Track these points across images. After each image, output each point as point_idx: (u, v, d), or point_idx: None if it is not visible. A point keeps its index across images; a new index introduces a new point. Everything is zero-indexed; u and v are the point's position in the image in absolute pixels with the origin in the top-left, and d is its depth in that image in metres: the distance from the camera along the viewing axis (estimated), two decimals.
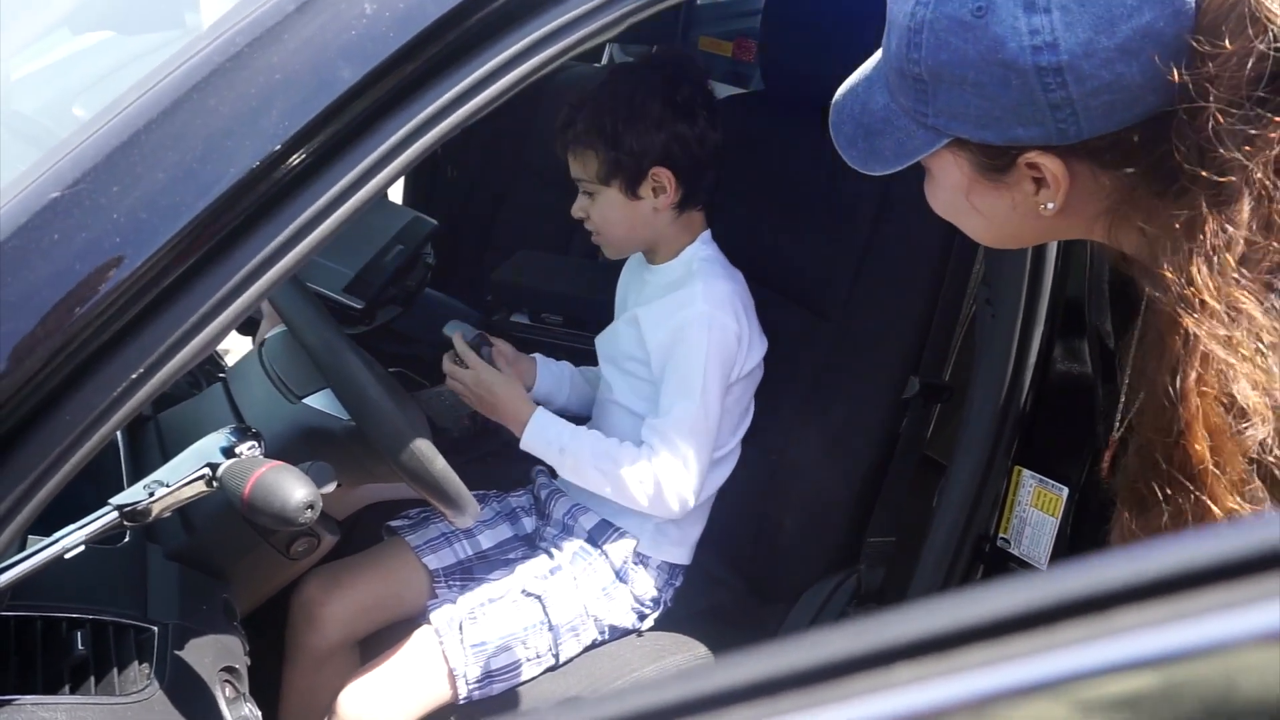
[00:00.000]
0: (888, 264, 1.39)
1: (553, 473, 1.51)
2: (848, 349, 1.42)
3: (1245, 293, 0.59)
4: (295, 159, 0.65)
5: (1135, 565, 0.21)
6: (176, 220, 0.62)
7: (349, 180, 0.66)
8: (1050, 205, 0.68)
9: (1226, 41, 0.58)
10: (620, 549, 1.37)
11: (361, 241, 1.61)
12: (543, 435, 1.32)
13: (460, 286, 2.09)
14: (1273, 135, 0.58)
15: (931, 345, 1.38)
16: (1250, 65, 0.57)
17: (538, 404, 1.42)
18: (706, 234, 1.40)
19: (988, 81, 0.64)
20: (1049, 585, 0.22)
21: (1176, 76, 0.59)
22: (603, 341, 1.45)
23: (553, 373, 1.50)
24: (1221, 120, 0.58)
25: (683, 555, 1.43)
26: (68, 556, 0.75)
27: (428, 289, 1.78)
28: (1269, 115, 0.58)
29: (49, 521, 0.72)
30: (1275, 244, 0.59)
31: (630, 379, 1.39)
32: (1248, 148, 0.58)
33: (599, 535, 1.38)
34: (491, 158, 2.18)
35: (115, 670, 0.85)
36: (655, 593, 1.39)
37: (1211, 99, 0.58)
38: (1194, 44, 0.59)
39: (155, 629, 0.91)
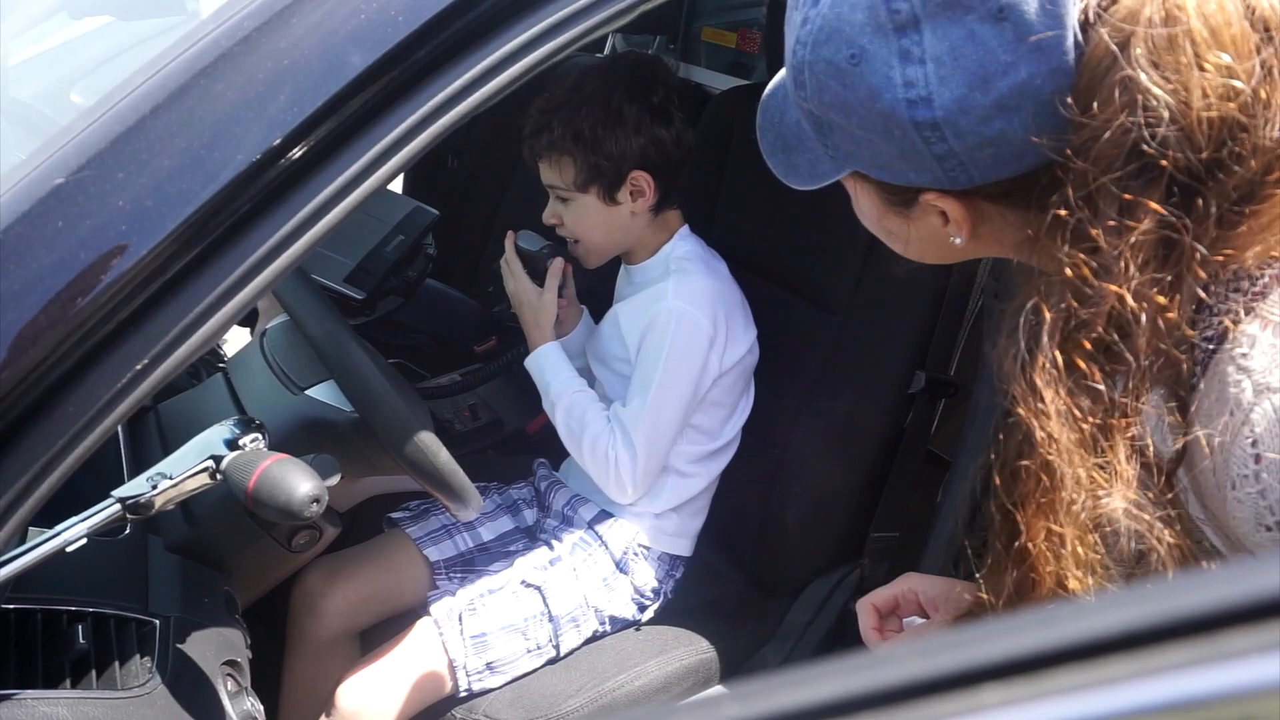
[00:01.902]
0: (893, 257, 1.38)
1: (553, 464, 1.51)
2: (853, 343, 1.42)
3: (1062, 383, 0.57)
4: (303, 146, 0.64)
5: (1249, 583, 0.19)
6: (182, 208, 0.61)
7: (358, 168, 0.65)
8: (958, 240, 0.66)
9: (1096, 109, 0.55)
10: (620, 540, 1.37)
11: (362, 231, 1.60)
12: (540, 368, 1.37)
13: (461, 277, 2.08)
14: (1137, 220, 0.54)
15: (937, 340, 1.37)
16: (1118, 139, 0.54)
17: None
18: (684, 229, 1.40)
19: (871, 128, 0.61)
20: (1157, 603, 0.21)
21: (1045, 142, 0.56)
22: (589, 342, 1.45)
23: (589, 333, 1.49)
24: (1089, 191, 0.55)
25: (683, 547, 1.42)
26: (69, 550, 0.74)
27: (429, 280, 1.76)
28: (1134, 195, 0.55)
29: (48, 513, 0.70)
30: (1114, 338, 0.56)
31: (619, 377, 1.39)
32: (1111, 223, 0.55)
33: (598, 525, 1.38)
34: (493, 147, 2.16)
35: (117, 664, 0.84)
36: (655, 584, 1.38)
37: (1079, 167, 0.55)
38: (1061, 109, 0.56)
39: (157, 622, 0.90)
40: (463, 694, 1.25)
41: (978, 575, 0.66)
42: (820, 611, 1.43)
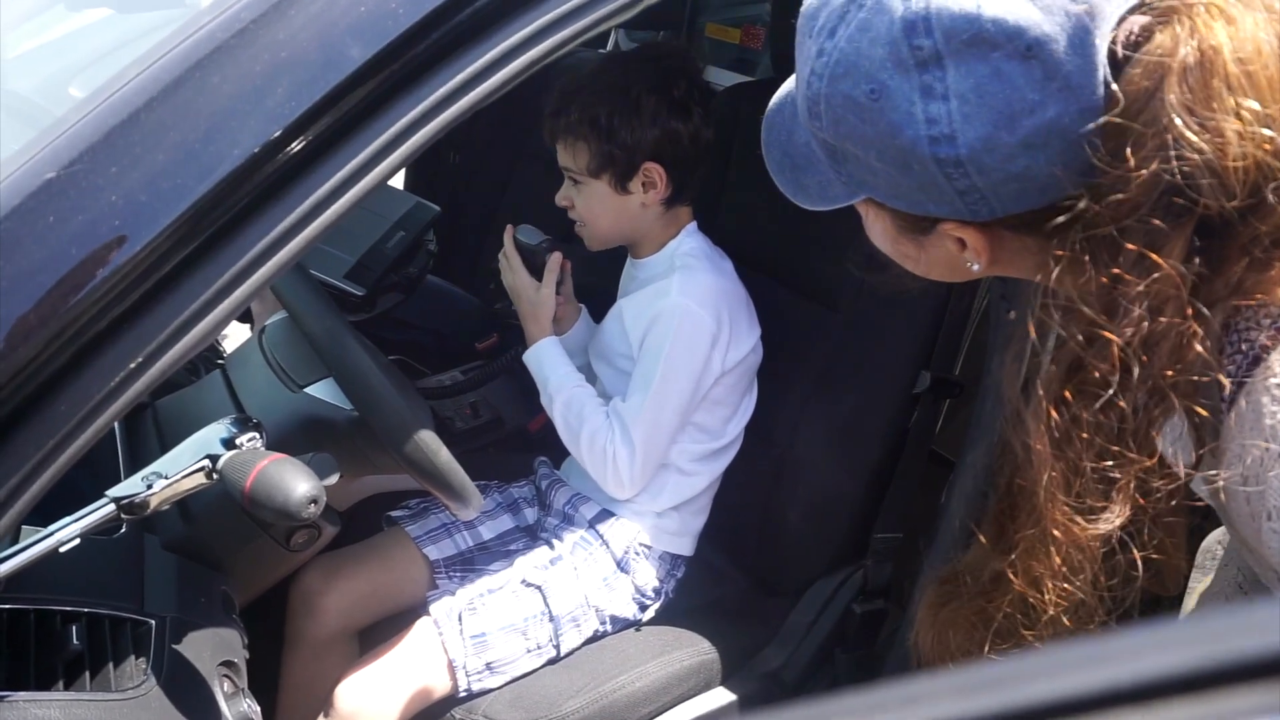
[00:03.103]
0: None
1: (554, 463, 1.50)
2: (858, 342, 1.41)
3: (1064, 422, 0.57)
4: (302, 140, 0.63)
5: None
6: (178, 203, 0.60)
7: (358, 163, 0.64)
8: (975, 266, 0.66)
9: (1128, 153, 0.53)
10: (621, 539, 1.36)
11: (362, 227, 1.59)
12: (538, 362, 1.37)
13: (462, 273, 2.07)
14: (1160, 263, 0.53)
15: (942, 339, 1.36)
16: (1149, 183, 0.53)
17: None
18: (692, 226, 1.39)
19: (890, 162, 0.60)
20: (1220, 643, 0.19)
21: (1072, 179, 0.55)
22: (592, 339, 1.44)
23: (588, 333, 1.48)
24: (1112, 232, 0.54)
25: (684, 546, 1.42)
26: (63, 550, 0.73)
27: (429, 276, 1.76)
28: (1160, 237, 0.53)
29: (43, 510, 0.69)
30: (1125, 377, 0.55)
31: (621, 374, 1.38)
32: (1134, 264, 0.54)
33: (599, 524, 1.37)
34: (494, 143, 2.15)
35: (111, 665, 0.83)
36: (657, 583, 1.38)
37: (1105, 207, 0.54)
38: (1090, 152, 0.55)
39: (152, 622, 0.89)
40: (462, 694, 1.24)
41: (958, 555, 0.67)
42: (823, 612, 1.42)
